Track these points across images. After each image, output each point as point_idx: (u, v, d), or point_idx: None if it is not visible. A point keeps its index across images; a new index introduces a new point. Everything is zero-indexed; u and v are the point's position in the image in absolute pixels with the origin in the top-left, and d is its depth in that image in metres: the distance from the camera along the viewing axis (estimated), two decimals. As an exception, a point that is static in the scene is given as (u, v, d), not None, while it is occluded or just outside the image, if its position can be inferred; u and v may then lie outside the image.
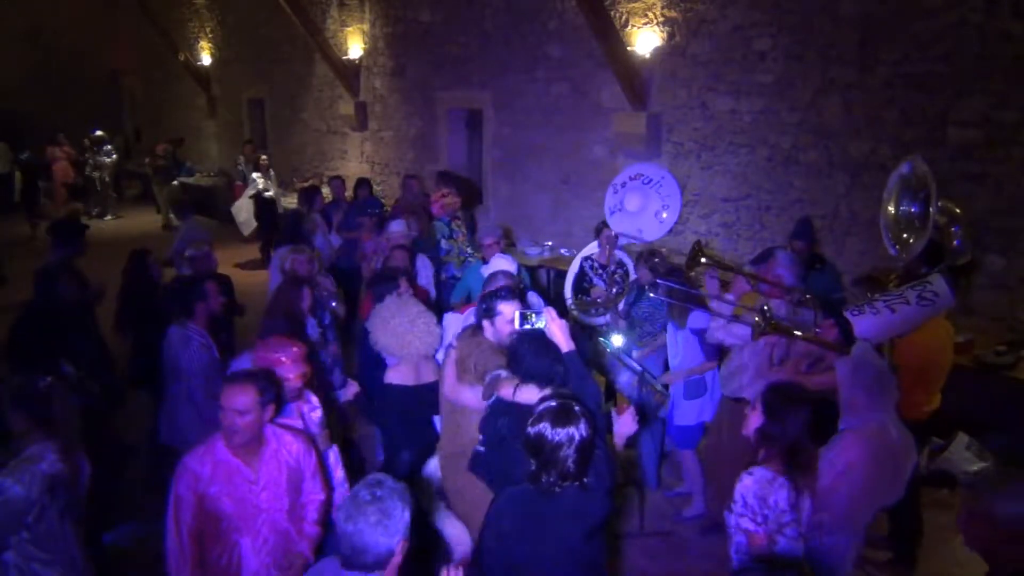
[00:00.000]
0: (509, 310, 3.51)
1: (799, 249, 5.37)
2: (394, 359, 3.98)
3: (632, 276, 5.86)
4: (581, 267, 6.02)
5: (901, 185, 4.55)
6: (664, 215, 6.34)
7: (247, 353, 3.87)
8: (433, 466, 3.79)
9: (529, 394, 3.04)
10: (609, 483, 2.67)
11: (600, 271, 5.92)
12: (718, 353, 4.78)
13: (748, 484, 2.78)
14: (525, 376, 3.12)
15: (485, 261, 5.64)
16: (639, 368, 4.77)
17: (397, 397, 3.94)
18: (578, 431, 2.48)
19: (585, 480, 2.53)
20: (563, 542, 2.52)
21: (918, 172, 4.46)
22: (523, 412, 2.78)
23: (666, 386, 4.83)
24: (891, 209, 4.54)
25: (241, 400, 2.86)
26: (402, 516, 2.20)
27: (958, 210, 4.72)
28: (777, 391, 2.95)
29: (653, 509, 4.87)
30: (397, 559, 2.22)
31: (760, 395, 2.96)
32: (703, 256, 4.46)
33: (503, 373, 3.24)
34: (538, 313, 3.18)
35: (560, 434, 2.47)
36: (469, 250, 7.00)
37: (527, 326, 3.17)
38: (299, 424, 3.42)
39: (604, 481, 2.63)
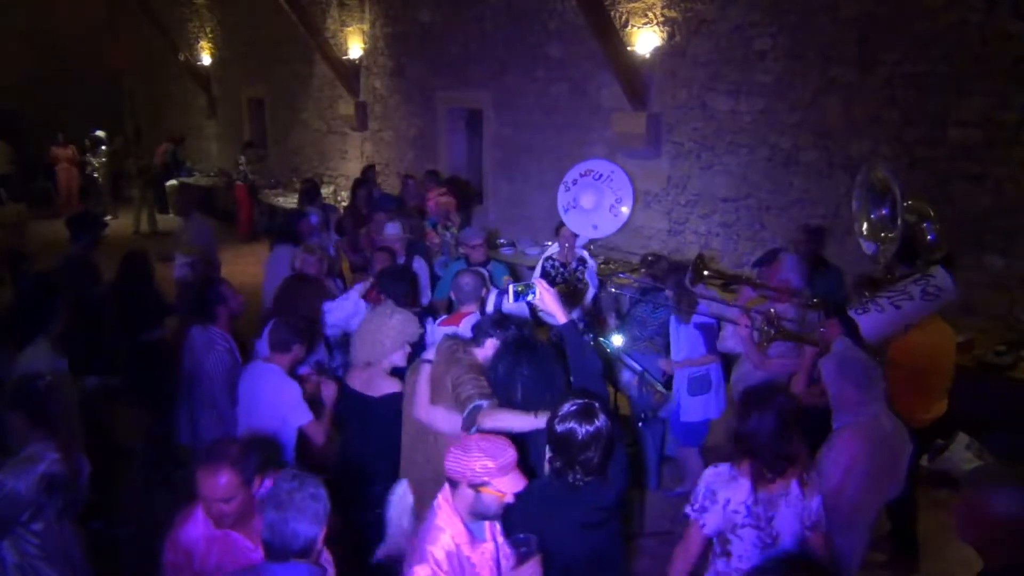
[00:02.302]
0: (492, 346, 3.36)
1: (799, 241, 5.44)
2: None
3: (589, 271, 5.87)
4: (543, 268, 5.95)
5: (866, 192, 4.63)
6: (623, 209, 6.33)
7: (248, 365, 3.86)
8: (403, 490, 3.15)
9: (514, 421, 2.91)
10: (624, 464, 2.72)
11: (561, 269, 5.90)
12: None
13: (707, 475, 2.86)
14: (517, 407, 2.97)
15: (468, 262, 5.57)
16: (639, 368, 4.76)
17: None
18: (603, 425, 2.53)
19: (607, 471, 2.60)
20: (590, 526, 2.61)
21: (878, 177, 4.52)
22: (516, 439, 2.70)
23: (667, 385, 4.81)
24: (864, 217, 4.65)
25: (222, 487, 2.52)
26: (326, 502, 2.29)
27: (929, 208, 4.73)
28: (750, 392, 2.97)
29: (653, 509, 4.86)
30: (319, 547, 2.30)
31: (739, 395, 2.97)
32: (706, 269, 4.46)
33: (484, 404, 3.05)
34: (531, 289, 3.07)
35: (588, 431, 2.50)
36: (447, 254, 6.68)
37: (526, 299, 3.09)
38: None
39: (620, 466, 2.68)
